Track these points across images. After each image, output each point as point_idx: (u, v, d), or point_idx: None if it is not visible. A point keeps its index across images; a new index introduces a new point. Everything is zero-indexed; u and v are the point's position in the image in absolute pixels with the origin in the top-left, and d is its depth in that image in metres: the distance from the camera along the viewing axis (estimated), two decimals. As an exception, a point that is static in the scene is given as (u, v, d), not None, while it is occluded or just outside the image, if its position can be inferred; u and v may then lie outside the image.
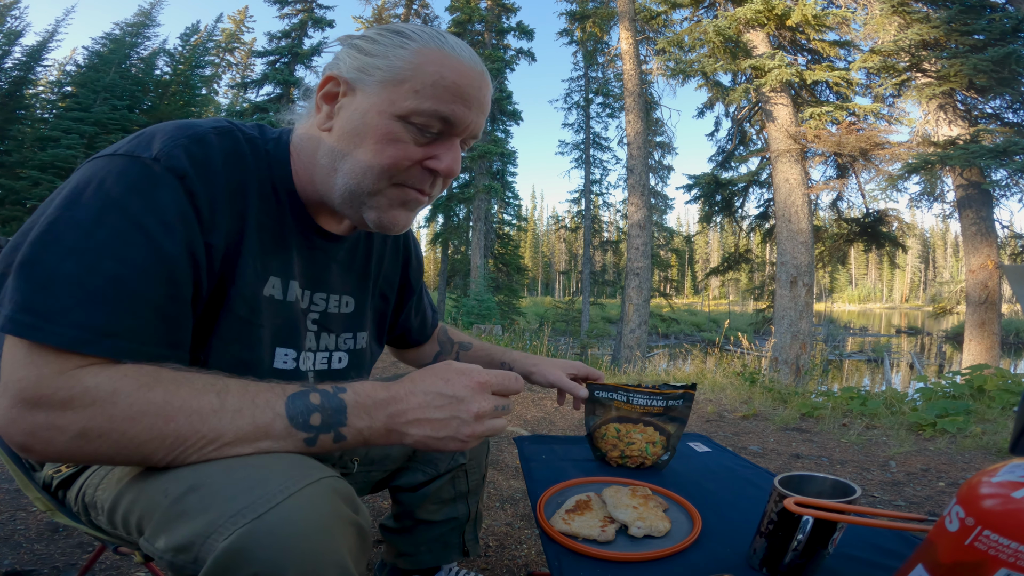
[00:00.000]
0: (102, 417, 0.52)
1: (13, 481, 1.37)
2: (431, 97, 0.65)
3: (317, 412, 0.58)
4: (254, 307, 0.69)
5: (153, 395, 0.53)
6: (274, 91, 19.82)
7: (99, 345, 0.53)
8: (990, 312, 7.65)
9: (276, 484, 0.50)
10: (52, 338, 0.51)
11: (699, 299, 51.55)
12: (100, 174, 0.57)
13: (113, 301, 0.54)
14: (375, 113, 0.65)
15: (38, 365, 0.52)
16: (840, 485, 0.78)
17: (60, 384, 0.52)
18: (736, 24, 9.15)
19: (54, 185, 15.86)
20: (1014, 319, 20.56)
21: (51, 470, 0.74)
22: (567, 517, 0.89)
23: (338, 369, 0.85)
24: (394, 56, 0.65)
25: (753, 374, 4.91)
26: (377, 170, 0.67)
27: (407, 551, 1.15)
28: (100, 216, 0.55)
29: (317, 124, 0.70)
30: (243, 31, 29.64)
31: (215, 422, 0.54)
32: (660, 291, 19.55)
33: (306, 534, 0.48)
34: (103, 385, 0.52)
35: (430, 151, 0.68)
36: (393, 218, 0.71)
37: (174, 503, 0.52)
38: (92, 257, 0.54)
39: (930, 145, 8.31)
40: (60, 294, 0.53)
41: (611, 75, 20.28)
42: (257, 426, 0.55)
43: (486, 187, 17.38)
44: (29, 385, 0.52)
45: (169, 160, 0.59)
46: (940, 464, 2.51)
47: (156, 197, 0.58)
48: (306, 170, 0.72)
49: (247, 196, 0.67)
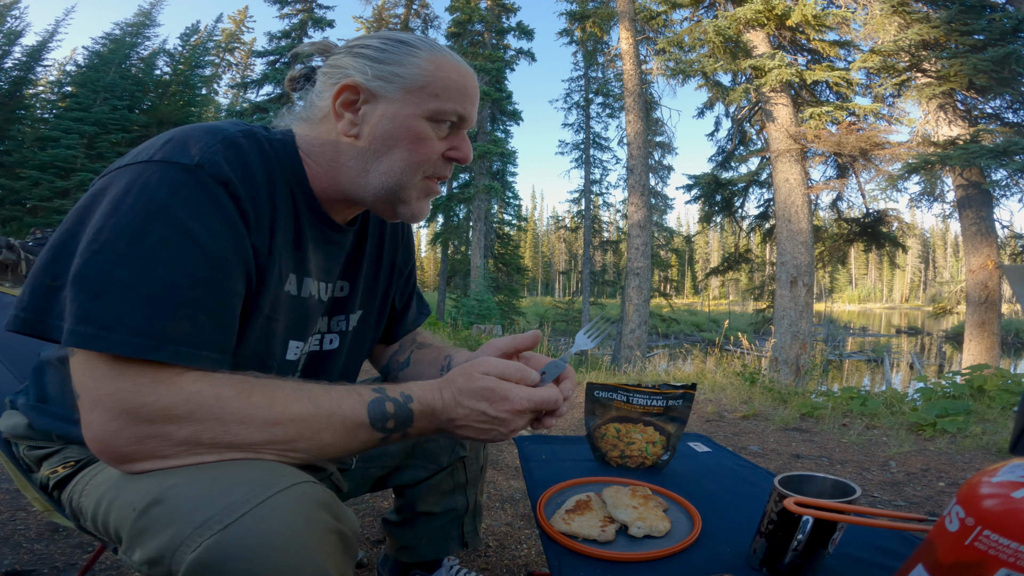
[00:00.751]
0: (212, 421, 0.54)
1: (13, 481, 1.37)
2: (449, 99, 0.73)
3: (392, 419, 0.66)
4: (275, 304, 0.72)
5: (255, 399, 0.57)
6: (274, 91, 19.83)
7: (162, 351, 0.54)
8: (990, 312, 7.65)
9: (240, 494, 0.49)
10: (116, 347, 0.52)
11: (699, 299, 51.55)
12: (139, 180, 0.58)
13: (170, 307, 0.55)
14: (404, 117, 0.72)
15: (131, 376, 0.53)
16: (840, 485, 0.78)
17: (161, 393, 0.53)
18: (736, 24, 9.15)
19: (54, 185, 15.87)
20: (1014, 319, 20.57)
21: (48, 471, 0.74)
22: (567, 517, 0.89)
23: (329, 350, 0.87)
24: (410, 65, 0.72)
25: (753, 374, 4.91)
26: (415, 166, 0.74)
27: (408, 544, 1.16)
28: (146, 223, 0.56)
29: (341, 130, 0.73)
30: (243, 31, 29.66)
31: (315, 425, 0.60)
32: (660, 291, 19.56)
33: (277, 546, 0.47)
34: (205, 391, 0.55)
35: (450, 143, 0.77)
36: (422, 209, 0.79)
37: (139, 517, 0.51)
38: (144, 264, 0.55)
39: (930, 145, 8.31)
40: (116, 302, 0.53)
41: (611, 75, 20.31)
42: (347, 429, 0.62)
43: (486, 187, 17.38)
44: (123, 398, 0.53)
45: (212, 167, 0.61)
46: (940, 464, 2.51)
47: (202, 203, 0.59)
48: (325, 172, 0.75)
49: (277, 197, 0.70)
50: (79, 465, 0.71)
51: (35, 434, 0.75)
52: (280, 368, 0.77)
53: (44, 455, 0.75)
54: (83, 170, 16.32)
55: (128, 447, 0.53)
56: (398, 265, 1.00)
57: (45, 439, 0.74)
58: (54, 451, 0.74)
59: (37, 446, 0.76)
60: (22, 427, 0.76)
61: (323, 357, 0.87)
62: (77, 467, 0.72)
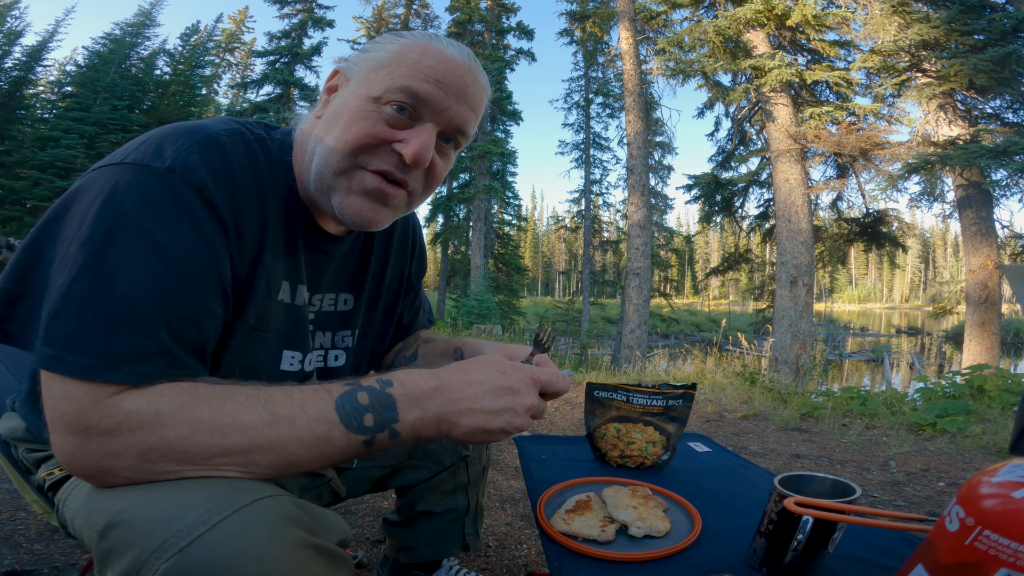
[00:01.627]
0: (155, 439, 0.51)
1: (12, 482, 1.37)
2: (404, 76, 0.65)
3: (368, 412, 0.57)
4: (266, 313, 0.69)
5: (198, 413, 0.52)
6: (274, 91, 19.82)
7: (120, 372, 0.51)
8: (990, 312, 7.65)
9: (196, 514, 0.47)
10: (73, 369, 0.50)
11: (699, 299, 51.54)
12: (108, 186, 0.55)
13: (128, 325, 0.52)
14: (354, 96, 0.67)
15: (75, 397, 0.51)
16: (840, 485, 0.78)
17: (102, 413, 0.51)
18: (736, 24, 9.15)
19: (54, 185, 15.87)
20: (1014, 319, 20.57)
21: (44, 472, 0.74)
22: (567, 517, 0.89)
23: (335, 367, 0.85)
24: (384, 49, 0.68)
25: (753, 374, 4.91)
26: (342, 146, 0.66)
27: (408, 544, 1.15)
28: (110, 234, 0.53)
29: (315, 114, 0.72)
30: (243, 31, 29.64)
31: (271, 434, 0.53)
32: (660, 291, 19.55)
33: (239, 567, 0.45)
34: (144, 408, 0.51)
35: (400, 134, 0.67)
36: (355, 205, 0.68)
37: (100, 540, 0.49)
38: (104, 279, 0.52)
39: (930, 145, 8.30)
40: (72, 320, 0.51)
41: (611, 75, 20.30)
42: (316, 435, 0.54)
43: (486, 187, 17.38)
44: (73, 419, 0.51)
45: (186, 171, 0.57)
46: (940, 464, 2.51)
47: (171, 211, 0.56)
48: (300, 165, 0.72)
49: (265, 201, 0.66)
50: None
51: (33, 437, 0.75)
52: (273, 380, 0.72)
53: (42, 458, 0.75)
54: (83, 170, 16.14)
55: (89, 465, 0.51)
56: (409, 278, 0.97)
57: (42, 442, 0.74)
58: (51, 454, 0.74)
59: (35, 449, 0.76)
60: (21, 430, 0.75)
61: (328, 374, 0.84)
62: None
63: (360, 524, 1.65)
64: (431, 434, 0.60)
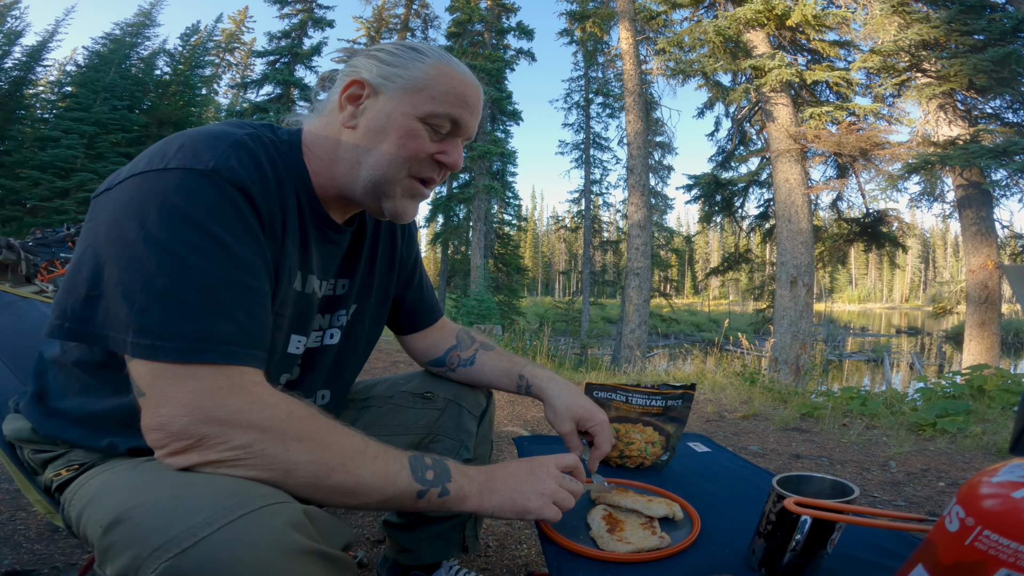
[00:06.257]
0: (275, 433, 0.57)
1: (13, 481, 1.37)
2: (445, 103, 0.76)
3: (431, 469, 0.68)
4: (284, 301, 0.75)
5: (320, 424, 0.61)
6: (274, 91, 19.84)
7: (213, 352, 0.57)
8: (990, 312, 7.65)
9: (202, 516, 0.47)
10: (172, 354, 0.55)
11: (699, 299, 51.52)
12: (157, 189, 0.59)
13: (211, 310, 0.58)
14: (399, 114, 0.75)
15: (205, 378, 0.56)
16: (839, 485, 0.78)
17: (238, 399, 0.57)
18: (736, 24, 9.15)
19: (54, 185, 15.87)
20: (1014, 319, 20.56)
21: (51, 473, 0.74)
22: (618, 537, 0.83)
23: (330, 344, 0.90)
24: (414, 68, 0.76)
25: (753, 374, 4.91)
26: (400, 160, 0.76)
27: (408, 547, 1.15)
28: (174, 231, 0.58)
29: (341, 122, 0.77)
30: (243, 31, 29.66)
31: (359, 461, 0.62)
32: (660, 291, 19.55)
33: (238, 571, 0.45)
34: (281, 405, 0.59)
35: (441, 147, 0.79)
36: (404, 207, 0.80)
37: (104, 535, 0.50)
38: (180, 271, 0.57)
39: (930, 145, 8.30)
40: (162, 311, 0.56)
41: (611, 75, 20.31)
42: (388, 473, 0.64)
43: (486, 187, 17.38)
44: (203, 396, 0.55)
45: (228, 172, 0.63)
46: (940, 464, 2.50)
47: (222, 207, 0.61)
48: (325, 167, 0.78)
49: (285, 198, 0.73)
50: (82, 469, 0.71)
51: (40, 438, 0.75)
52: (280, 361, 0.79)
53: (48, 458, 0.75)
54: (83, 170, 16.32)
55: (185, 441, 0.55)
56: (400, 258, 1.02)
57: (50, 443, 0.75)
58: (59, 454, 0.74)
59: (41, 449, 0.76)
60: (26, 431, 0.76)
61: (323, 351, 0.90)
62: (80, 470, 0.72)
63: (360, 524, 1.66)
64: (472, 504, 0.71)
